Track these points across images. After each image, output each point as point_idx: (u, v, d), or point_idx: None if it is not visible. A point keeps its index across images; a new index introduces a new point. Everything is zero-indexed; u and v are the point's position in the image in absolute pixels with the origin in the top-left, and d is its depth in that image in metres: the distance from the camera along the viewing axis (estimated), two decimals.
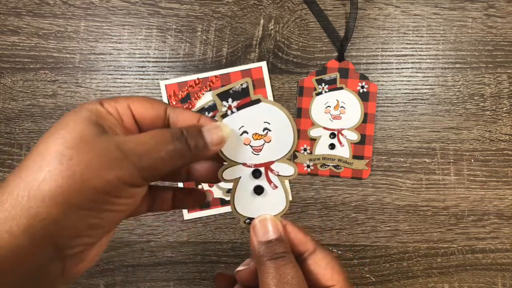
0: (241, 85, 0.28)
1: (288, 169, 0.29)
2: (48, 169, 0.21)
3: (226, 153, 0.28)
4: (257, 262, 0.27)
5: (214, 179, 0.30)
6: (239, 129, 0.28)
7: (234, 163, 0.29)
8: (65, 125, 0.23)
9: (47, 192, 0.21)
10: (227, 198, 0.52)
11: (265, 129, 0.29)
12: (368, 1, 0.53)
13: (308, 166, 0.52)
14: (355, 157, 0.52)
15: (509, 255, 0.51)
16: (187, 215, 0.51)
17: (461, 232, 0.51)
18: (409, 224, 0.52)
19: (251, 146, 0.29)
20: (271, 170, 0.29)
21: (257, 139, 0.29)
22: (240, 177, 0.29)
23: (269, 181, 0.29)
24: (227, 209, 0.52)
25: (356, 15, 0.51)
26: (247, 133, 0.28)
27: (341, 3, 0.53)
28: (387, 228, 0.52)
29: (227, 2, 0.53)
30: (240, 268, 0.30)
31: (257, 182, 0.29)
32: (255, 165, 0.29)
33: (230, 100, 0.28)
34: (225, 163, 0.29)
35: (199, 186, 0.51)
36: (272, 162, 0.29)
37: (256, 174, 0.29)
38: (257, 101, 0.28)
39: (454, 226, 0.51)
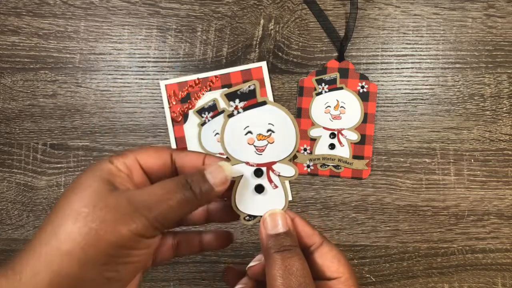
0: (249, 87, 0.29)
1: (289, 170, 0.30)
2: (66, 226, 0.23)
3: (230, 151, 0.29)
4: (265, 255, 0.28)
5: (230, 217, 0.31)
6: (244, 129, 0.29)
7: (237, 162, 0.29)
8: (80, 184, 0.25)
9: (67, 249, 0.23)
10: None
11: (269, 130, 0.30)
12: (368, 1, 0.53)
13: (308, 166, 0.52)
14: (355, 157, 0.52)
15: (509, 255, 0.51)
16: None
17: (461, 232, 0.51)
18: (409, 224, 0.52)
19: (254, 146, 0.29)
20: (273, 170, 0.30)
21: (260, 139, 0.30)
22: (242, 175, 0.29)
23: (270, 181, 0.30)
24: None
25: (356, 15, 0.51)
26: (251, 133, 0.29)
27: (341, 3, 0.53)
28: (387, 228, 0.52)
29: (227, 2, 0.53)
30: (252, 264, 0.31)
31: (259, 181, 0.30)
32: (258, 165, 0.30)
33: (237, 100, 0.29)
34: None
35: None
36: (274, 162, 0.30)
37: (258, 173, 0.30)
38: (263, 103, 0.29)
39: (454, 226, 0.51)
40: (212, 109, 0.52)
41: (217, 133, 0.52)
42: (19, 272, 0.22)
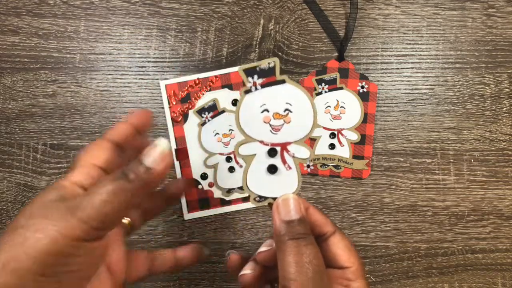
0: (269, 64, 0.28)
1: (304, 152, 0.29)
2: (4, 240, 0.22)
3: (245, 128, 0.28)
4: (278, 241, 0.27)
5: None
6: (261, 106, 0.28)
7: (251, 140, 0.29)
8: (31, 201, 0.24)
9: (3, 262, 0.21)
10: (227, 198, 0.52)
11: (286, 110, 0.29)
12: (368, 1, 0.53)
13: (308, 166, 0.52)
14: (355, 157, 0.52)
15: (509, 255, 0.51)
16: (187, 215, 0.51)
17: (461, 232, 0.51)
18: (409, 224, 0.52)
19: (270, 125, 0.29)
20: (287, 151, 0.29)
21: (277, 118, 0.29)
22: (255, 154, 0.29)
23: (284, 161, 0.29)
24: (227, 209, 0.52)
25: (356, 15, 0.51)
26: (268, 111, 0.28)
27: (341, 3, 0.53)
28: (387, 228, 0.52)
29: (227, 2, 0.53)
30: (262, 249, 0.31)
31: (272, 161, 0.29)
32: (272, 144, 0.29)
33: (255, 77, 0.28)
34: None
35: (199, 186, 0.51)
36: (289, 143, 0.29)
37: (271, 153, 0.29)
38: (282, 81, 0.28)
39: (454, 226, 0.51)
40: (212, 109, 0.52)
41: (217, 133, 0.52)
42: None
